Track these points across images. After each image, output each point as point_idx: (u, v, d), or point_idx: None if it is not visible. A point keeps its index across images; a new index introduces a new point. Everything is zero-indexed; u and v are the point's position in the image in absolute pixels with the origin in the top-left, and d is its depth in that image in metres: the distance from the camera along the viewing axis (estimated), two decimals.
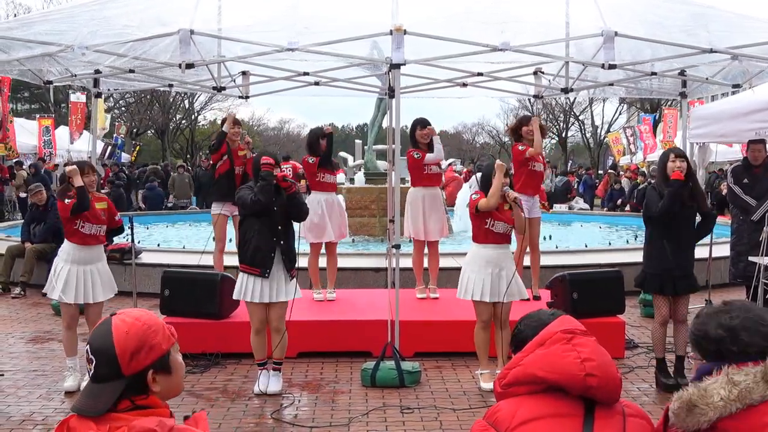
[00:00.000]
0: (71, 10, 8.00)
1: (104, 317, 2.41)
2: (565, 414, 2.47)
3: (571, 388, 2.47)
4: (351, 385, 7.01)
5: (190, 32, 6.67)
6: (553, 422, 2.45)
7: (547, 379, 2.48)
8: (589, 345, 2.53)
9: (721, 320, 2.70)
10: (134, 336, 2.33)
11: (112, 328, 2.33)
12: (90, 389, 2.32)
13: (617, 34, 6.65)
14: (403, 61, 6.90)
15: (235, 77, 9.77)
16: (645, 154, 31.43)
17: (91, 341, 2.33)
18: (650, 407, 6.40)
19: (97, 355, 2.31)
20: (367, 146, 18.10)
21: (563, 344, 2.52)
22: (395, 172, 7.71)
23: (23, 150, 26.18)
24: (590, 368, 2.45)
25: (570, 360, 2.47)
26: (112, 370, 2.30)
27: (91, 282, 6.82)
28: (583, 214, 23.20)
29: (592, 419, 2.47)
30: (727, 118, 9.35)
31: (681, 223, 6.71)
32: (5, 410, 6.36)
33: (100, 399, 2.29)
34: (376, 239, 14.54)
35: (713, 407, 2.44)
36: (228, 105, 52.61)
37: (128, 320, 2.36)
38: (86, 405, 2.29)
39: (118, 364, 2.30)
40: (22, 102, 51.56)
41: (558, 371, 2.47)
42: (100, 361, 2.30)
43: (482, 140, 74.94)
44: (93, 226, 6.81)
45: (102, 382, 2.30)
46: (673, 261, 6.71)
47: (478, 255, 6.74)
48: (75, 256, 6.83)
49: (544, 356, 2.52)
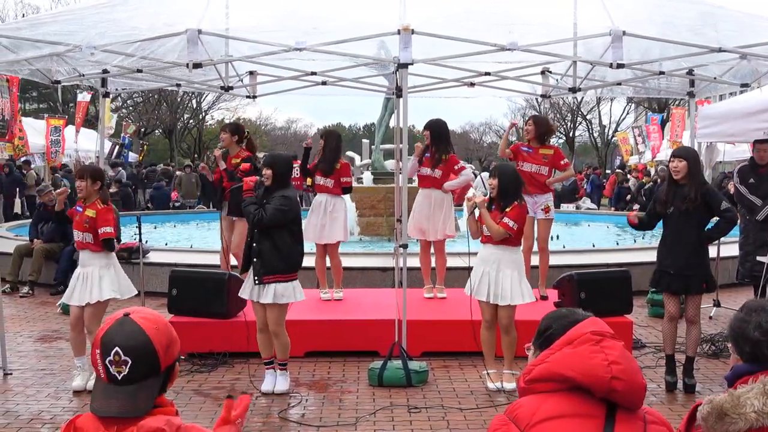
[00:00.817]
0: (80, 11, 8.02)
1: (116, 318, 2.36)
2: (587, 414, 2.43)
3: (595, 389, 2.43)
4: (358, 384, 7.01)
5: (198, 32, 6.67)
6: (574, 422, 2.42)
7: (573, 378, 2.44)
8: (617, 349, 2.48)
9: (762, 321, 2.66)
10: (163, 330, 2.36)
11: (140, 325, 2.31)
12: (123, 391, 2.27)
13: (625, 34, 6.64)
14: (410, 61, 6.90)
15: (242, 77, 9.78)
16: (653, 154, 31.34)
17: (121, 342, 2.28)
18: (658, 407, 6.39)
19: (133, 353, 2.27)
20: (374, 146, 18.11)
21: (592, 345, 2.47)
22: (403, 171, 7.71)
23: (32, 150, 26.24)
24: (617, 372, 2.41)
25: (597, 362, 2.43)
26: (151, 367, 2.30)
27: (82, 284, 6.81)
28: (590, 214, 23.16)
29: (613, 422, 2.43)
30: (736, 118, 9.32)
31: (688, 222, 6.68)
32: (14, 409, 6.38)
33: (140, 398, 2.28)
34: (384, 239, 14.55)
35: (745, 418, 2.38)
36: (236, 105, 52.80)
37: (150, 317, 2.37)
38: (126, 407, 2.26)
39: (158, 359, 2.30)
40: (31, 102, 51.66)
41: (584, 372, 2.43)
42: (139, 359, 2.27)
43: (490, 140, 74.84)
44: (78, 232, 6.85)
45: (138, 381, 2.28)
46: (678, 260, 6.70)
47: (480, 255, 6.85)
48: (79, 259, 6.99)
49: (572, 355, 2.47)
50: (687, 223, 6.69)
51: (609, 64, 6.89)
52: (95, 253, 6.85)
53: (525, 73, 9.75)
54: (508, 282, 6.63)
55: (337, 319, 8.05)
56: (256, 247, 6.51)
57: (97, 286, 6.80)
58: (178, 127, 52.91)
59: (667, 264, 6.77)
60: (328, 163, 8.82)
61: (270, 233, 6.48)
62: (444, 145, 8.80)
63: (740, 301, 10.22)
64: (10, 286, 11.55)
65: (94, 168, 7.40)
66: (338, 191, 8.90)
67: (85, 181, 6.84)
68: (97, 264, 6.86)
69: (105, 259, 6.91)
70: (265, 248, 6.48)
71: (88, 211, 6.80)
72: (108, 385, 2.30)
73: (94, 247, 6.83)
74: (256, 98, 10.54)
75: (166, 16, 7.44)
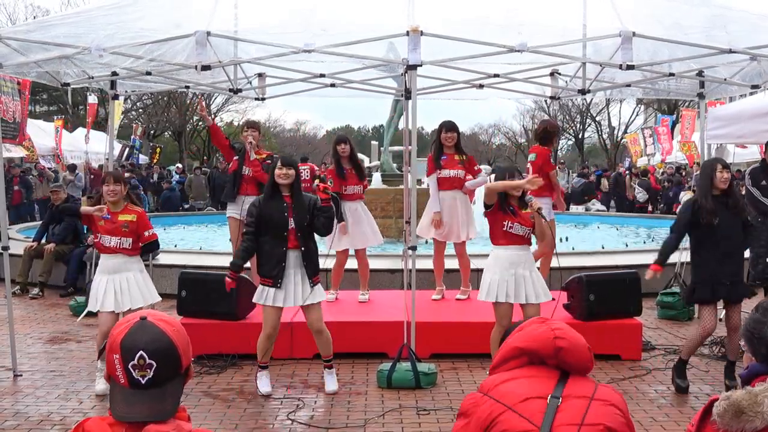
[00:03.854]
0: (89, 13, 8.04)
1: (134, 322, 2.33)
2: (542, 376, 2.79)
3: (544, 352, 2.79)
4: (367, 386, 7.01)
5: (207, 34, 6.69)
6: (530, 381, 2.77)
7: (522, 347, 2.83)
8: (561, 324, 2.88)
9: None
10: (181, 333, 2.37)
11: (160, 328, 2.31)
12: (148, 395, 2.26)
13: (635, 35, 6.62)
14: (419, 62, 6.89)
15: (251, 79, 9.79)
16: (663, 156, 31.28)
17: (144, 345, 2.26)
18: (668, 410, 6.37)
19: (158, 356, 2.26)
20: (383, 147, 18.12)
21: (537, 324, 2.89)
22: (411, 173, 7.71)
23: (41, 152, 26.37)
24: (560, 334, 2.80)
25: (542, 330, 2.83)
26: (175, 368, 2.31)
27: (120, 290, 6.75)
28: (599, 216, 23.10)
29: (565, 382, 2.77)
30: (746, 119, 9.30)
31: (725, 231, 6.66)
32: (23, 410, 6.40)
33: (167, 401, 2.28)
34: (393, 240, 14.53)
35: (762, 417, 2.36)
36: (245, 107, 52.89)
37: (167, 319, 2.37)
38: (152, 410, 2.24)
39: (180, 361, 2.32)
40: (41, 104, 51.84)
41: (531, 339, 2.83)
42: (164, 362, 2.27)
43: (498, 141, 74.92)
44: (112, 239, 6.75)
45: (164, 384, 2.28)
46: (733, 268, 6.69)
47: (499, 257, 6.67)
48: (102, 266, 6.87)
49: (521, 333, 2.90)
50: (734, 230, 6.66)
51: (618, 65, 6.86)
52: (132, 257, 6.84)
53: (534, 74, 9.73)
54: (539, 280, 6.69)
55: (346, 321, 8.05)
56: (305, 251, 6.51)
57: (142, 289, 6.84)
58: (188, 129, 53.02)
59: (723, 273, 6.65)
60: (360, 170, 9.01)
61: (311, 237, 6.61)
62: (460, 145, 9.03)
63: (750, 303, 10.19)
64: (20, 287, 11.59)
65: (113, 172, 7.39)
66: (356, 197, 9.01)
67: (119, 185, 6.85)
68: (136, 268, 6.88)
69: (140, 264, 6.98)
70: (310, 251, 6.57)
71: (125, 216, 6.80)
72: (130, 391, 2.27)
73: (132, 252, 6.82)
74: (264, 100, 10.53)
75: (174, 17, 7.46)
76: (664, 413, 6.29)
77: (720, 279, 6.65)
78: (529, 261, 6.70)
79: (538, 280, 6.68)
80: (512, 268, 6.58)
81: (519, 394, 2.74)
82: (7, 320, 7.55)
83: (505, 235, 6.60)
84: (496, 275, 6.62)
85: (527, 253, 6.71)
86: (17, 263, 11.73)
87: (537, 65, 9.23)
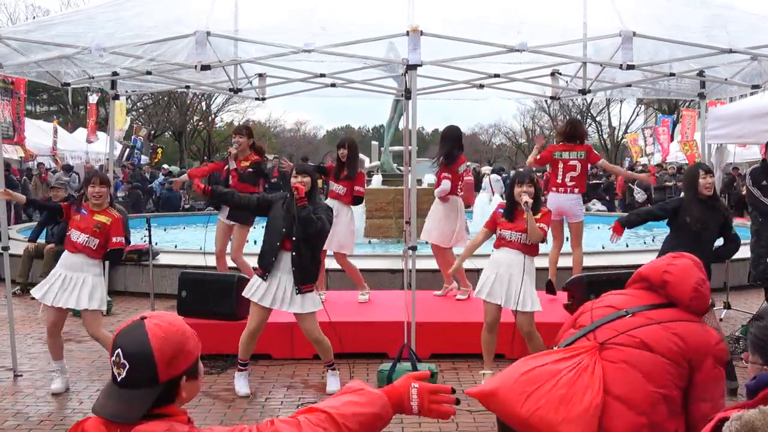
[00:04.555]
0: (88, 12, 8.04)
1: (134, 319, 2.33)
2: (642, 297, 3.43)
3: (654, 280, 3.42)
4: None
5: (207, 34, 6.68)
6: (626, 297, 3.47)
7: (641, 273, 3.51)
8: (685, 262, 3.51)
9: None
10: (172, 341, 2.29)
11: (147, 332, 2.26)
12: (118, 394, 2.24)
13: (635, 35, 6.62)
14: (419, 62, 6.88)
15: (251, 79, 9.78)
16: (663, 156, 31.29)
17: (124, 345, 2.25)
18: None
19: (132, 359, 2.23)
20: (383, 148, 18.11)
21: (669, 257, 3.58)
22: (411, 173, 7.70)
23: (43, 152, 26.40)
24: (671, 269, 3.39)
25: (661, 264, 3.48)
26: (148, 376, 2.24)
27: (72, 287, 6.68)
28: (600, 216, 23.07)
29: (658, 308, 3.36)
30: (746, 119, 9.29)
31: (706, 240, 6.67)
32: (23, 410, 6.40)
33: (134, 405, 2.22)
34: (393, 241, 14.54)
35: None
36: (245, 107, 52.94)
37: (163, 325, 2.30)
38: (119, 411, 2.22)
39: (155, 370, 2.24)
40: (41, 104, 51.88)
41: (650, 267, 3.49)
42: (136, 366, 2.22)
43: (499, 141, 74.93)
44: (80, 234, 6.72)
45: (135, 387, 2.23)
46: None
47: (492, 257, 6.79)
48: (65, 261, 6.83)
49: (650, 263, 3.60)
50: (702, 239, 6.66)
51: (619, 65, 6.86)
52: (92, 259, 6.77)
53: (534, 74, 9.72)
54: (528, 289, 6.58)
55: (346, 321, 8.04)
56: (296, 256, 6.44)
57: (87, 294, 6.69)
58: (188, 129, 53.05)
59: None
60: (352, 169, 8.98)
61: (310, 243, 6.50)
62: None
63: (750, 303, 10.21)
64: (20, 287, 11.58)
65: (98, 172, 7.36)
66: (343, 199, 8.98)
67: (105, 188, 6.84)
68: (91, 272, 6.78)
69: (99, 268, 6.90)
70: (307, 258, 6.49)
71: (100, 217, 6.75)
72: (111, 385, 2.28)
73: (94, 254, 6.75)
74: (265, 100, 10.53)
75: (174, 16, 7.45)
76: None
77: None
78: (516, 265, 6.58)
79: (528, 289, 6.58)
80: (496, 267, 6.65)
81: (606, 303, 3.48)
82: (8, 320, 7.55)
83: (499, 238, 6.72)
84: (485, 274, 6.75)
85: (519, 259, 6.59)
86: (17, 263, 11.73)
87: (537, 65, 9.22)
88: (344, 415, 2.34)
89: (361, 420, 2.37)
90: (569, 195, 9.21)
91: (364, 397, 2.42)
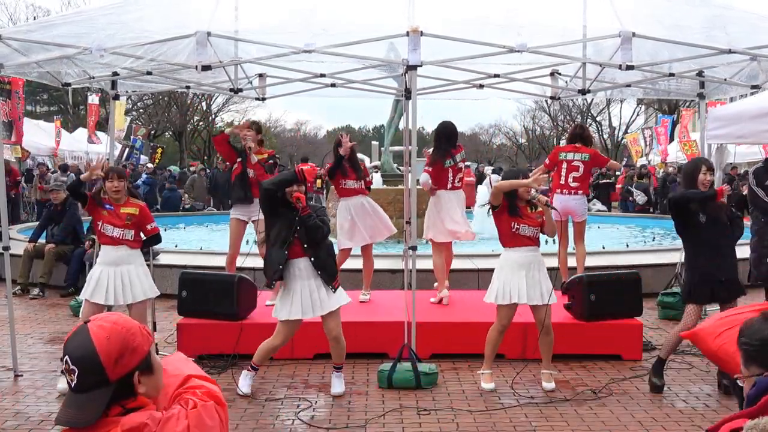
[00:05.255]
0: (90, 13, 8.05)
1: (78, 325, 2.36)
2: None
3: None
4: (368, 386, 7.01)
5: (207, 34, 6.69)
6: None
7: None
8: None
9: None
10: (116, 340, 2.30)
11: (90, 334, 2.28)
12: (74, 400, 2.27)
13: (635, 35, 6.62)
14: (419, 63, 6.90)
15: (251, 79, 9.78)
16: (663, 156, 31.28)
17: (70, 351, 2.28)
18: (669, 410, 6.38)
19: (79, 364, 2.25)
20: (383, 148, 18.12)
21: None
22: (412, 173, 7.70)
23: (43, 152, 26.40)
24: None
25: None
26: (97, 378, 2.26)
27: (122, 283, 6.76)
28: (600, 216, 23.08)
29: None
30: (746, 119, 9.27)
31: (724, 229, 6.67)
32: (24, 410, 6.41)
33: (88, 409, 2.25)
34: (393, 241, 14.52)
35: None
36: (245, 107, 52.93)
37: (106, 325, 2.32)
38: (74, 417, 2.25)
39: (103, 371, 2.26)
40: (41, 104, 51.89)
41: None
42: (84, 370, 2.25)
43: (499, 141, 74.96)
44: (115, 228, 6.79)
45: (87, 391, 2.26)
46: (720, 266, 6.66)
47: (510, 259, 6.66)
48: (104, 258, 6.88)
49: None
50: (721, 228, 6.67)
51: (618, 65, 6.87)
52: (134, 250, 6.88)
53: (534, 74, 9.73)
54: (546, 282, 6.66)
55: (347, 321, 8.03)
56: (315, 260, 6.41)
57: (140, 283, 6.83)
58: (188, 129, 53.04)
59: (715, 272, 6.63)
60: (358, 166, 9.01)
61: (317, 245, 6.46)
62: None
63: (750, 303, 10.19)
64: (20, 288, 11.60)
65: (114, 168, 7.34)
66: (360, 192, 9.01)
67: (123, 181, 6.91)
68: (136, 262, 6.90)
69: (141, 258, 7.01)
70: (325, 256, 6.49)
71: (127, 209, 6.85)
72: (69, 393, 2.31)
73: (134, 244, 6.87)
74: (265, 100, 10.53)
75: (175, 17, 7.46)
76: (665, 413, 6.29)
77: (718, 277, 6.65)
78: (538, 262, 6.65)
79: (545, 281, 6.64)
80: (522, 270, 6.57)
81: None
82: (8, 320, 7.56)
83: (513, 236, 6.60)
84: (507, 277, 6.61)
85: (537, 254, 6.67)
86: (18, 263, 11.74)
87: (537, 65, 9.22)
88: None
89: None
90: (574, 196, 9.43)
91: None
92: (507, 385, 6.96)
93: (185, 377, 2.48)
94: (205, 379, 2.51)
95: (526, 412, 6.31)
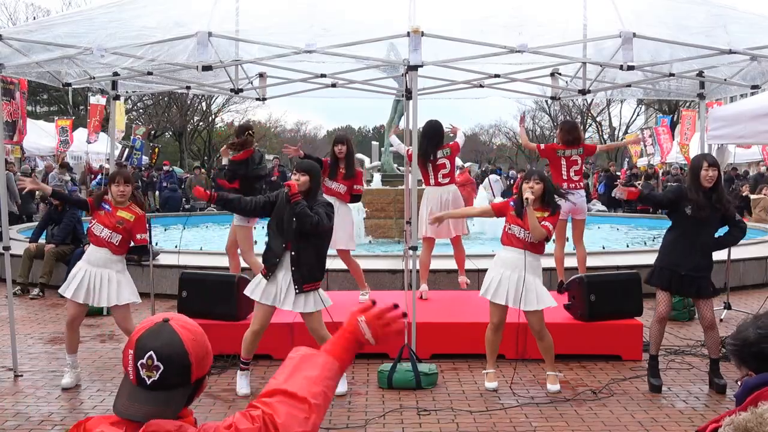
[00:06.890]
0: (90, 12, 8.05)
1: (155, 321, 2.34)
2: None
3: None
4: (368, 386, 7.01)
5: (208, 34, 6.69)
6: None
7: None
8: None
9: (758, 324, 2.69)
10: (200, 342, 2.32)
11: (179, 334, 2.29)
12: (150, 396, 2.25)
13: (635, 36, 6.62)
14: (420, 63, 6.90)
15: (252, 79, 9.78)
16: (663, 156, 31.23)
17: (157, 348, 2.25)
18: (668, 410, 6.38)
19: (168, 362, 2.24)
20: (384, 148, 18.12)
21: None
22: (412, 173, 7.70)
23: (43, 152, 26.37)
24: None
25: None
26: (183, 377, 2.27)
27: (99, 285, 6.80)
28: (600, 216, 23.08)
29: None
30: (746, 120, 9.28)
31: (705, 227, 6.70)
32: (24, 411, 6.40)
33: (170, 406, 2.26)
34: (393, 241, 14.55)
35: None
36: (245, 107, 52.91)
37: (189, 326, 2.33)
38: (155, 412, 2.23)
39: (190, 371, 2.28)
40: (41, 104, 51.87)
41: None
42: (172, 368, 2.25)
43: (499, 141, 74.97)
44: (104, 229, 6.80)
45: (168, 389, 2.26)
46: (691, 261, 6.69)
47: (499, 257, 6.74)
48: (88, 256, 6.95)
49: None
50: (704, 227, 6.69)
51: (619, 65, 6.87)
52: (115, 255, 6.88)
53: (535, 74, 9.73)
54: (533, 287, 6.52)
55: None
56: (295, 255, 6.35)
57: (114, 290, 6.83)
58: (188, 129, 53.04)
59: (678, 263, 6.72)
60: (350, 169, 8.92)
61: (312, 240, 6.37)
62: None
63: (750, 304, 10.22)
64: (20, 288, 11.59)
65: (120, 171, 7.36)
66: (348, 198, 8.94)
67: (129, 186, 6.92)
68: (114, 268, 6.89)
69: (122, 264, 6.98)
70: (307, 255, 6.38)
71: (123, 213, 6.85)
72: (135, 388, 2.28)
73: (117, 249, 6.86)
74: (265, 100, 10.53)
75: (175, 16, 7.46)
76: (665, 413, 6.29)
77: (676, 268, 6.73)
78: (523, 266, 6.48)
79: (533, 286, 6.52)
80: (502, 267, 6.61)
81: None
82: (8, 320, 7.56)
83: (506, 235, 6.65)
84: (491, 274, 6.70)
85: (522, 257, 6.51)
86: (18, 263, 11.73)
87: (537, 65, 9.23)
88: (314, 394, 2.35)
89: (327, 393, 2.40)
90: (578, 191, 9.37)
91: (317, 369, 2.43)
92: (507, 386, 6.96)
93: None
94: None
95: (527, 412, 6.31)
